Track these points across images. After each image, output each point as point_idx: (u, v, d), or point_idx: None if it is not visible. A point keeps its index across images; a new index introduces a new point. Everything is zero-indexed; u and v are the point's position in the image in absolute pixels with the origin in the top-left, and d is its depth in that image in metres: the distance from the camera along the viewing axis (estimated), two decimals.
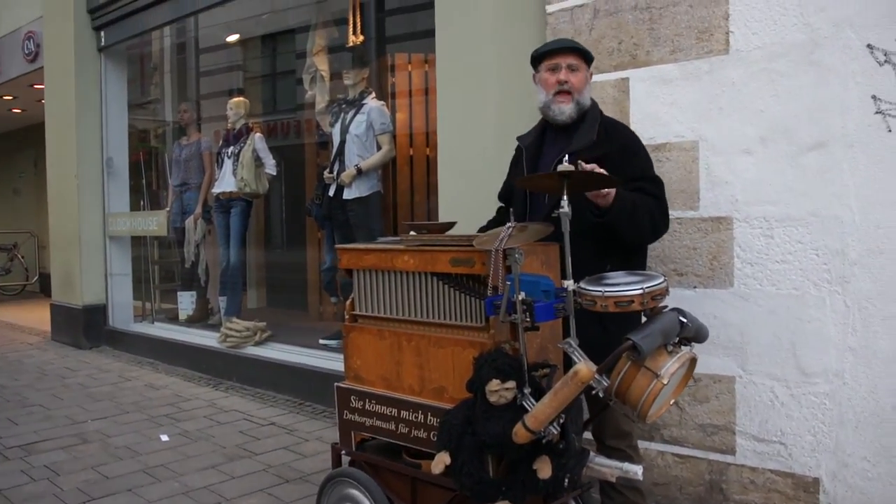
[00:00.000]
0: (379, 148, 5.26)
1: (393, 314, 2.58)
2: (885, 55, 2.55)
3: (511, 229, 2.11)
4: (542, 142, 2.79)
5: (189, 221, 6.58)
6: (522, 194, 2.74)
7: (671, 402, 2.22)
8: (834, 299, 2.68)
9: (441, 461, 2.17)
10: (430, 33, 4.19)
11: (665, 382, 2.04)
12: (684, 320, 2.09)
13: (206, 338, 6.15)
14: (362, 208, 5.25)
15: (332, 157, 5.38)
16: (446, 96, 4.06)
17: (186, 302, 6.74)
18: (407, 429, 2.51)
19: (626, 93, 3.18)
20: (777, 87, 2.78)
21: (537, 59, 2.72)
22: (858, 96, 2.61)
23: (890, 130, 2.55)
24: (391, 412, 2.56)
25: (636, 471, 2.38)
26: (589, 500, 2.52)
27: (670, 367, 2.05)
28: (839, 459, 2.69)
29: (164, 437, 4.31)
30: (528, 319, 2.12)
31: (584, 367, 1.95)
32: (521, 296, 2.11)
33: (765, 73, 2.81)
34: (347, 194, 5.24)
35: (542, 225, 2.22)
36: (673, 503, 3.07)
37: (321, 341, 5.51)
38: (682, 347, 2.15)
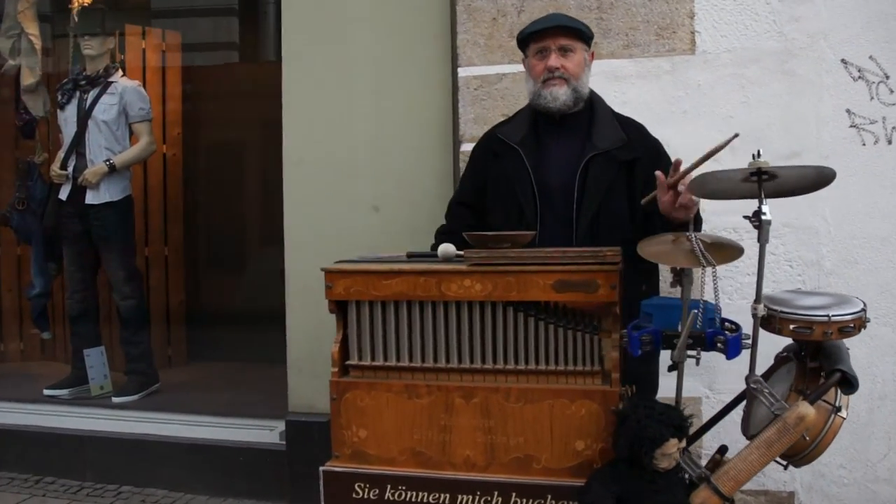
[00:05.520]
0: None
1: (431, 362, 1.88)
2: (858, 71, 2.62)
3: (698, 240, 1.63)
4: (536, 138, 2.31)
5: None
6: (531, 195, 2.23)
7: None
8: None
9: None
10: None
11: (845, 416, 1.77)
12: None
13: None
14: (113, 216, 4.04)
15: (66, 150, 4.05)
16: (296, 81, 3.24)
17: None
18: None
19: None
20: (748, 94, 2.71)
21: (523, 40, 2.26)
22: (833, 109, 2.65)
23: (864, 144, 2.63)
24: (438, 499, 1.86)
25: None
26: None
27: (842, 397, 1.79)
28: (815, 470, 2.69)
29: None
30: (698, 355, 1.70)
31: (810, 409, 1.59)
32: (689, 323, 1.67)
33: (734, 78, 2.71)
34: (92, 198, 3.99)
35: (728, 240, 1.77)
36: None
37: (46, 392, 4.08)
38: None
